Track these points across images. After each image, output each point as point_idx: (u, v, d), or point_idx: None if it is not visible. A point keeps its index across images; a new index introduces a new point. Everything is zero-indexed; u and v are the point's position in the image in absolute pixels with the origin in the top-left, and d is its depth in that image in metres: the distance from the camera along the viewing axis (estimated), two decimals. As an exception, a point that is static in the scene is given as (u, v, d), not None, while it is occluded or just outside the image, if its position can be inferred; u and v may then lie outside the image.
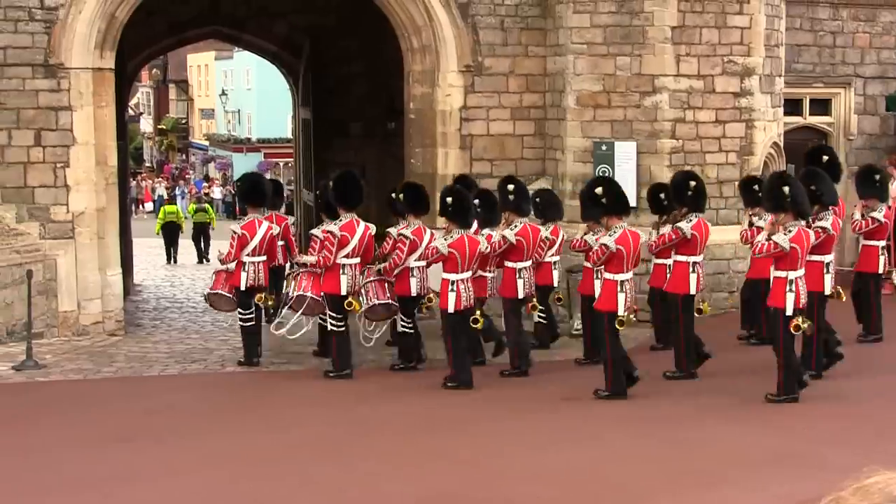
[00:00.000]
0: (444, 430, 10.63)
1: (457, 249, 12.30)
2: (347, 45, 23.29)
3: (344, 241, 12.93)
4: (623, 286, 11.58)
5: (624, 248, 11.54)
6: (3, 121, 15.77)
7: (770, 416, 10.92)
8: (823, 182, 12.24)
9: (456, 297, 12.24)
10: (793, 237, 10.98)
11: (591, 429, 10.68)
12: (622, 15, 16.76)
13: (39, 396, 12.53)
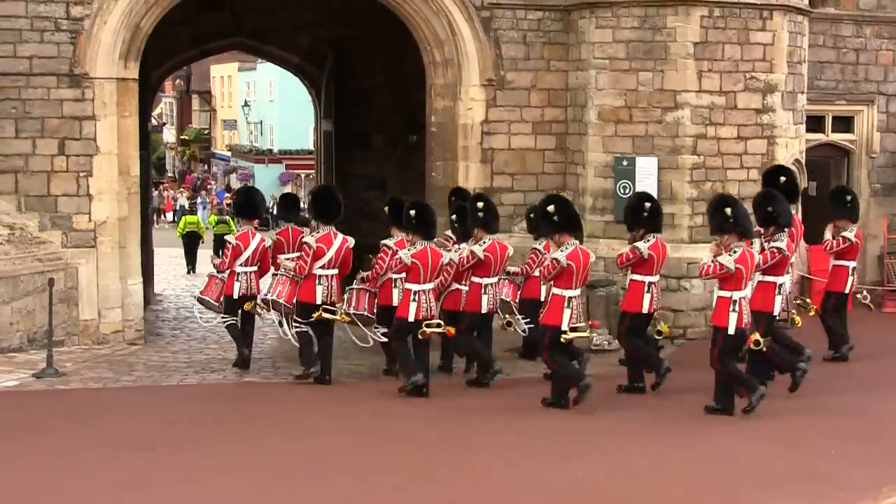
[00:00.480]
0: (456, 442, 10.64)
1: (419, 260, 12.58)
2: (370, 57, 23.39)
3: (319, 252, 13.35)
4: (570, 302, 11.86)
5: (574, 265, 11.83)
6: (27, 130, 15.89)
7: (783, 432, 10.90)
8: (779, 203, 12.54)
9: (416, 307, 12.56)
10: (737, 258, 11.28)
11: (602, 443, 10.66)
12: (645, 30, 16.77)
13: (59, 404, 12.57)
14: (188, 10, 20.06)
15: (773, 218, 12.45)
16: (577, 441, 10.82)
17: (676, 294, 16.59)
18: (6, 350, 15.18)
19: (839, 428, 11.13)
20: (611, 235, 17.12)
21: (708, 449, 10.29)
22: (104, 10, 16.02)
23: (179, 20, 21.07)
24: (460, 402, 12.74)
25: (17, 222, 15.86)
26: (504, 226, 17.52)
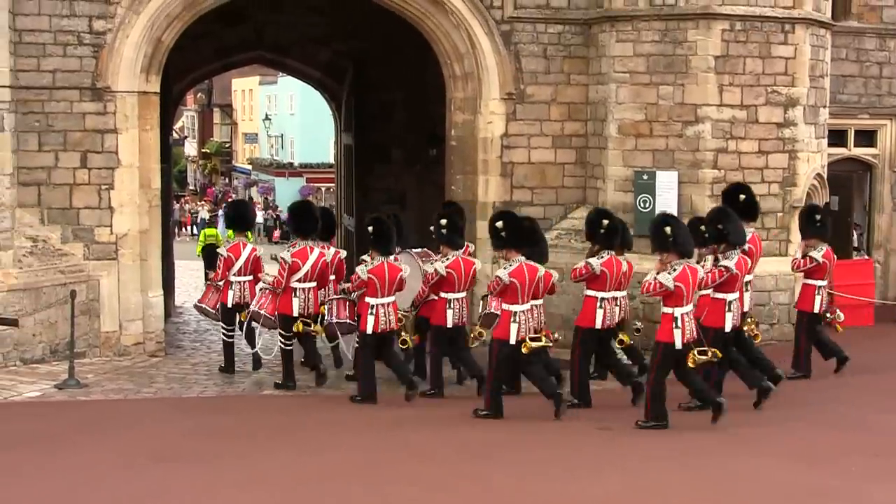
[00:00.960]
0: (476, 457, 10.64)
1: (376, 275, 13.09)
2: (390, 71, 23.48)
3: (295, 266, 14.06)
4: (517, 317, 12.15)
5: (518, 281, 12.10)
6: (50, 143, 16.04)
7: (799, 449, 10.88)
8: (731, 221, 12.78)
9: (374, 321, 13.08)
10: (677, 276, 11.54)
11: (617, 458, 10.65)
12: (665, 44, 16.80)
13: (80, 415, 12.67)
14: (210, 23, 20.21)
15: (724, 236, 12.70)
16: (594, 456, 10.83)
17: (696, 308, 16.54)
18: (29, 361, 15.30)
19: (854, 443, 11.10)
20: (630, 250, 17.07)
21: (724, 465, 10.26)
22: (126, 24, 16.17)
23: (201, 34, 21.21)
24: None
25: (39, 234, 15.99)
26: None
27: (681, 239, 11.79)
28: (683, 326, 11.58)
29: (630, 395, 13.27)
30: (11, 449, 10.81)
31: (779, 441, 11.24)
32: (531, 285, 12.28)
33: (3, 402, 13.20)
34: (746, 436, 11.44)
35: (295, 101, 59.34)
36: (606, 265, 13.20)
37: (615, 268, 13.25)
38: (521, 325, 12.22)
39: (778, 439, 11.30)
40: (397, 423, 12.31)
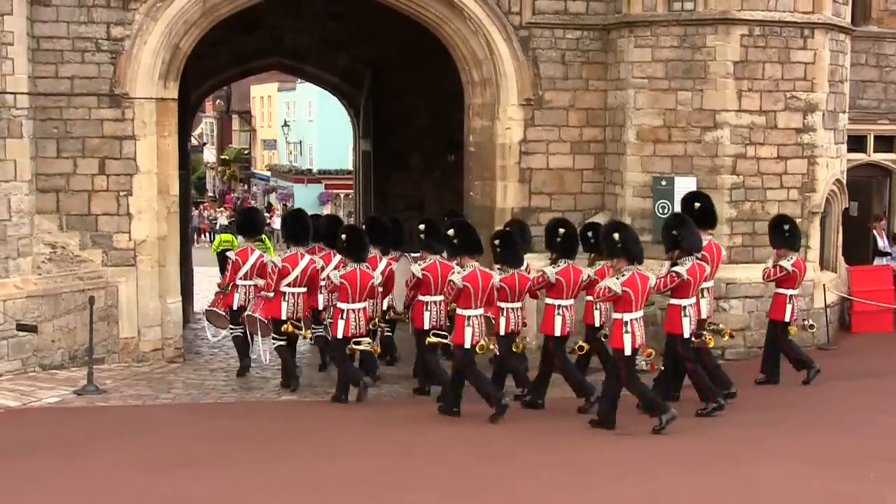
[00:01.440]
0: (492, 462, 10.65)
1: (348, 281, 13.59)
2: (408, 77, 23.52)
3: (284, 271, 14.69)
4: (471, 321, 12.61)
5: (471, 286, 12.55)
6: (69, 149, 16.12)
7: (815, 453, 10.84)
8: (685, 228, 12.99)
9: (345, 325, 13.62)
10: (625, 281, 11.83)
11: (638, 464, 10.63)
12: (684, 49, 16.78)
13: (99, 421, 12.74)
14: (228, 30, 20.30)
15: (678, 242, 12.90)
16: (615, 462, 10.82)
17: (715, 314, 16.47)
18: (48, 367, 15.38)
19: (872, 448, 11.07)
20: (649, 256, 16.95)
21: (743, 471, 10.25)
22: (144, 31, 16.25)
23: (219, 40, 21.31)
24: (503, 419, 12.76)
25: (58, 241, 16.08)
26: (540, 245, 17.59)
27: (629, 244, 12.08)
28: (633, 332, 11.83)
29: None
30: (30, 454, 10.87)
31: (797, 446, 11.21)
32: (485, 290, 12.67)
33: (23, 408, 13.28)
34: (764, 441, 11.42)
35: (313, 108, 59.40)
36: (563, 273, 13.31)
37: (572, 276, 13.34)
38: (475, 328, 12.62)
39: (796, 445, 11.28)
40: (414, 427, 12.34)
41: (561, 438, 11.85)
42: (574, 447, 11.39)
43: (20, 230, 15.34)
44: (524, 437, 11.90)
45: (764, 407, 13.26)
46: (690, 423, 12.27)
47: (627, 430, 12.01)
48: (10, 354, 14.96)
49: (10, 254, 15.17)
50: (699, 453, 11.04)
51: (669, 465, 10.47)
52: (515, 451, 11.21)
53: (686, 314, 12.80)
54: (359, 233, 14.24)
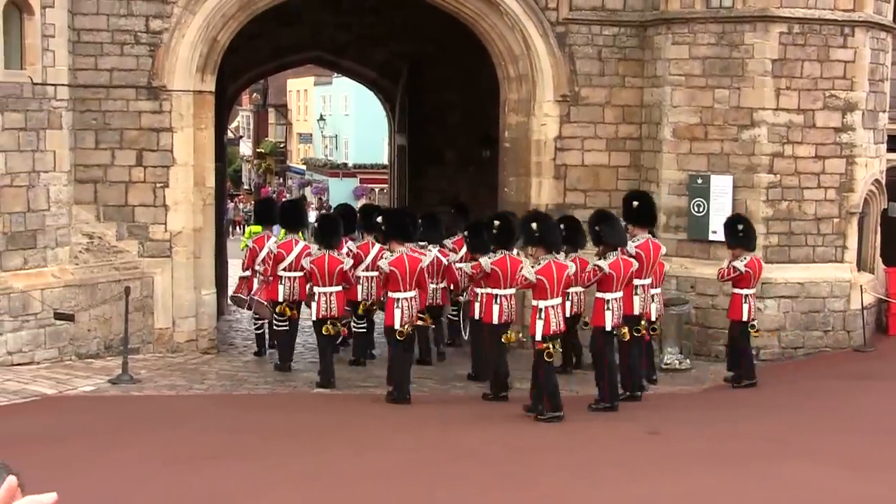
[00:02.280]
0: (524, 459, 10.66)
1: (316, 266, 14.49)
2: (445, 73, 23.57)
3: (279, 256, 15.76)
4: (400, 303, 13.24)
5: (398, 270, 13.20)
6: (107, 141, 16.27)
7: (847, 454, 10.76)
8: (608, 224, 13.35)
9: (317, 307, 14.46)
10: (540, 269, 12.21)
11: (669, 463, 10.62)
12: (722, 47, 16.71)
13: (133, 410, 12.85)
14: (266, 23, 20.40)
15: (600, 237, 13.32)
16: (645, 460, 10.81)
17: (750, 314, 16.45)
18: (84, 356, 15.55)
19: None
20: (684, 254, 17.08)
21: (771, 471, 10.21)
22: (182, 24, 16.37)
23: (257, 34, 21.42)
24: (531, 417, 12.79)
25: (95, 231, 16.24)
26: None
27: (546, 234, 12.56)
28: (547, 319, 12.12)
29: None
30: (64, 442, 10.98)
31: (826, 448, 11.14)
32: (412, 275, 13.26)
33: (58, 396, 13.41)
34: (792, 442, 11.38)
35: (350, 102, 59.52)
36: (498, 263, 13.79)
37: (507, 265, 13.71)
38: (405, 311, 13.23)
39: (825, 446, 11.21)
40: (444, 422, 12.38)
41: (590, 436, 11.85)
42: (605, 445, 11.39)
43: (58, 220, 15.50)
44: (554, 434, 11.91)
45: (794, 408, 13.20)
46: (718, 422, 12.25)
47: (657, 429, 12.00)
48: (47, 343, 15.13)
49: (49, 243, 15.33)
50: (730, 453, 11.00)
51: (701, 465, 10.43)
52: (545, 447, 11.22)
53: (609, 308, 12.91)
54: (330, 221, 15.45)
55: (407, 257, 13.38)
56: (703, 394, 14.49)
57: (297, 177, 68.19)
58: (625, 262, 13.10)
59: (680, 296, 16.72)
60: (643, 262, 13.73)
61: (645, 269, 13.80)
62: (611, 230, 13.24)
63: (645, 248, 13.95)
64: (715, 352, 16.57)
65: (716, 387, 13.35)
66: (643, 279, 13.74)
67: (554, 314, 12.18)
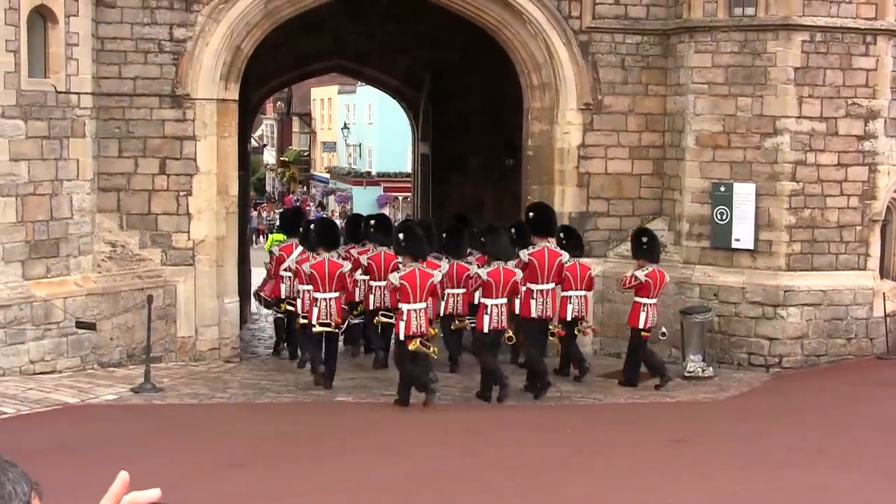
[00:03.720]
0: (551, 465, 10.62)
1: (317, 271, 14.86)
2: (468, 81, 23.55)
3: (280, 258, 17.01)
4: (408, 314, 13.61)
5: (408, 284, 13.62)
6: (130, 149, 16.32)
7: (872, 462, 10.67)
8: (492, 237, 14.75)
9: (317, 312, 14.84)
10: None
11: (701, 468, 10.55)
12: (744, 55, 16.64)
13: (155, 419, 12.86)
14: (289, 32, 20.44)
15: (485, 248, 14.95)
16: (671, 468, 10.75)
17: (772, 322, 16.38)
18: (106, 364, 15.58)
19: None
20: (707, 262, 17.00)
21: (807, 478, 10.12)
22: (206, 32, 16.41)
23: (280, 42, 21.48)
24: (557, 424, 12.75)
25: (118, 240, 16.28)
26: (598, 250, 17.58)
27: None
28: (492, 315, 13.90)
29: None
30: (87, 451, 11.00)
31: (856, 456, 11.04)
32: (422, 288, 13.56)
33: (81, 405, 13.43)
34: (821, 449, 11.29)
35: (373, 111, 59.59)
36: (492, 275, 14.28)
37: (501, 276, 14.19)
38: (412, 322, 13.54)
39: (855, 454, 11.11)
40: (469, 429, 12.34)
41: (613, 444, 11.80)
42: (629, 453, 11.32)
43: (81, 228, 15.55)
44: (577, 442, 11.87)
45: (819, 416, 13.10)
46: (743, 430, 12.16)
47: (681, 437, 11.94)
48: (69, 352, 15.17)
49: (72, 252, 15.38)
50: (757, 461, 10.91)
51: (728, 472, 10.35)
52: (569, 455, 11.18)
53: (487, 312, 14.03)
54: (326, 227, 15.96)
55: (420, 272, 13.65)
56: (727, 402, 14.40)
57: (320, 185, 68.29)
58: (505, 271, 14.09)
59: (703, 303, 16.65)
60: (536, 268, 14.70)
61: (541, 274, 14.72)
62: (493, 242, 14.65)
63: (539, 256, 14.83)
64: (738, 360, 16.50)
65: (740, 395, 13.28)
66: (540, 284, 14.67)
67: (497, 312, 13.87)
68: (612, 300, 17.67)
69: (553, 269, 14.85)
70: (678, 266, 17.18)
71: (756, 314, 16.44)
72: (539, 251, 14.88)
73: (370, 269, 16.28)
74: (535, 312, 14.61)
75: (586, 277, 15.71)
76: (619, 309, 17.51)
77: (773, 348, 16.35)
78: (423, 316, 13.56)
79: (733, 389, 15.17)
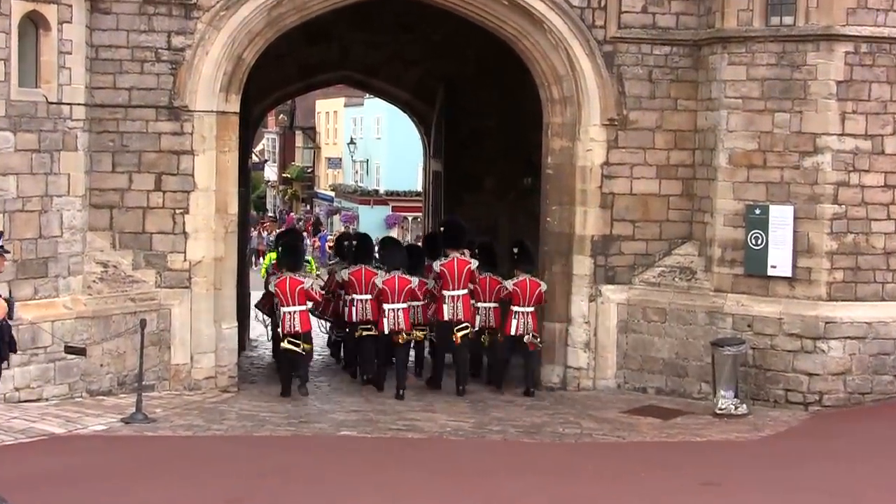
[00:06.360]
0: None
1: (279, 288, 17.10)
2: (484, 94, 23.56)
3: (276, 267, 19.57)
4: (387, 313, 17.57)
5: (388, 289, 17.41)
6: (124, 164, 16.30)
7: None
8: (385, 248, 19.08)
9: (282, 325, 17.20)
10: (385, 280, 17.42)
11: None
12: (782, 68, 16.56)
13: (147, 452, 12.79)
14: (293, 41, 20.49)
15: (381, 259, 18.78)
16: None
17: (812, 356, 16.21)
18: (95, 392, 15.52)
19: None
20: (740, 290, 16.87)
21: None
22: (206, 41, 16.41)
23: (284, 52, 21.53)
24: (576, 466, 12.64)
25: (110, 260, 16.24)
26: (622, 276, 17.52)
27: (388, 256, 18.37)
28: (388, 318, 17.25)
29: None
30: (74, 485, 10.94)
31: None
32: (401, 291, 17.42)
33: (68, 435, 13.37)
34: (864, 498, 11.16)
35: (382, 125, 59.71)
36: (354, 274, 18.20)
37: (363, 277, 17.96)
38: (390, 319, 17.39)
39: None
40: (482, 471, 12.24)
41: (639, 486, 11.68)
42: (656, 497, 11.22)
43: (71, 247, 15.51)
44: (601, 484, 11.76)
45: (863, 459, 12.94)
46: (780, 473, 12.03)
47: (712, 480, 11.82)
48: (56, 378, 15.11)
49: (61, 272, 15.34)
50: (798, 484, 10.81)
51: None
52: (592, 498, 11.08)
53: (385, 316, 17.29)
54: (291, 247, 18.54)
55: (399, 279, 17.46)
56: (763, 442, 14.27)
57: (325, 204, 68.37)
58: (400, 279, 17.52)
59: (736, 335, 16.52)
60: (446, 277, 17.62)
61: (451, 282, 17.57)
62: (388, 254, 18.57)
63: (449, 266, 17.65)
64: (774, 396, 16.35)
65: (776, 435, 13.14)
66: (452, 290, 17.52)
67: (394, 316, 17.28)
68: (637, 330, 17.57)
69: (463, 276, 17.62)
70: (709, 294, 17.07)
71: (794, 347, 16.29)
72: (450, 262, 17.74)
73: (349, 284, 18.24)
74: (447, 316, 17.52)
75: (535, 294, 17.53)
76: (644, 340, 17.45)
77: (813, 385, 16.18)
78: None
79: (769, 429, 15.04)
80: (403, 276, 17.61)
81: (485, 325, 18.04)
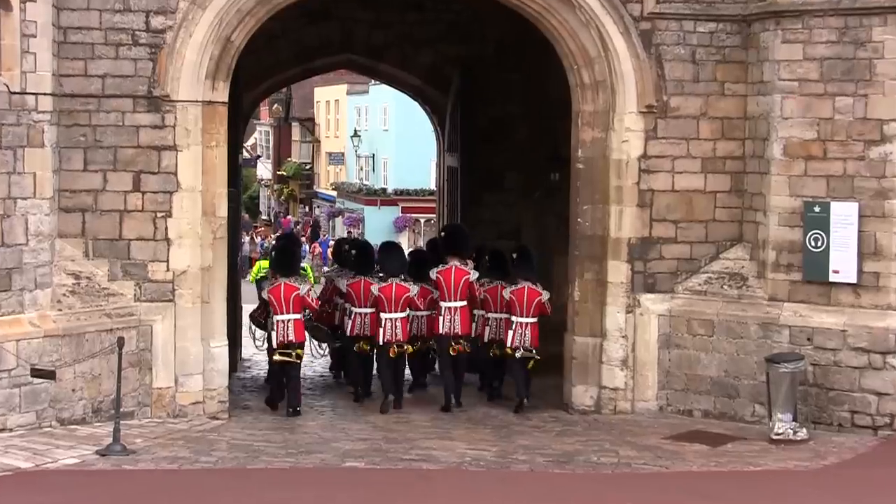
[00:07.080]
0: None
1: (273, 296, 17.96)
2: (505, 79, 23.55)
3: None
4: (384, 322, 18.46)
5: (385, 297, 18.21)
6: (97, 161, 16.32)
7: None
8: (384, 253, 19.62)
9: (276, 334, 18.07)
10: (381, 288, 18.28)
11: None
12: (844, 45, 16.50)
13: (126, 488, 12.79)
14: (289, 21, 20.52)
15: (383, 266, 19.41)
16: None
17: (881, 373, 16.12)
18: (67, 421, 15.52)
19: None
20: (798, 298, 16.80)
21: None
22: (189, 21, 16.40)
23: (279, 33, 21.57)
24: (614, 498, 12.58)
25: (83, 270, 16.26)
26: (663, 284, 17.45)
27: (385, 261, 19.14)
28: (385, 328, 18.11)
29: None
30: (43, 527, 10.93)
31: None
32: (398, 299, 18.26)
33: (36, 470, 13.36)
34: None
35: (389, 115, 59.87)
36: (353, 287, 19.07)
37: (363, 289, 18.76)
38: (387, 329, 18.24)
39: None
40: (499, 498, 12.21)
41: None
42: None
43: (38, 257, 15.52)
44: None
45: None
46: None
47: None
48: (22, 406, 15.10)
49: (27, 285, 15.34)
50: None
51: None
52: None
53: (381, 324, 18.19)
54: (286, 251, 19.51)
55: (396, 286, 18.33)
56: (825, 471, 14.23)
57: (325, 205, 68.58)
58: (398, 287, 18.30)
59: (793, 350, 16.44)
60: (442, 285, 18.38)
61: (446, 291, 18.34)
62: (385, 259, 19.29)
63: (445, 274, 18.43)
64: (838, 419, 16.26)
65: (841, 463, 13.07)
66: (447, 302, 18.32)
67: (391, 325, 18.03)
68: (681, 345, 17.51)
69: (459, 287, 18.32)
70: (762, 304, 17.01)
71: (861, 363, 16.21)
72: (446, 270, 18.48)
73: (349, 296, 19.23)
74: (442, 329, 18.34)
75: (534, 304, 18.23)
76: (690, 357, 17.39)
77: (883, 406, 16.09)
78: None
79: (833, 456, 14.99)
80: (402, 284, 18.50)
81: (494, 337, 18.93)
